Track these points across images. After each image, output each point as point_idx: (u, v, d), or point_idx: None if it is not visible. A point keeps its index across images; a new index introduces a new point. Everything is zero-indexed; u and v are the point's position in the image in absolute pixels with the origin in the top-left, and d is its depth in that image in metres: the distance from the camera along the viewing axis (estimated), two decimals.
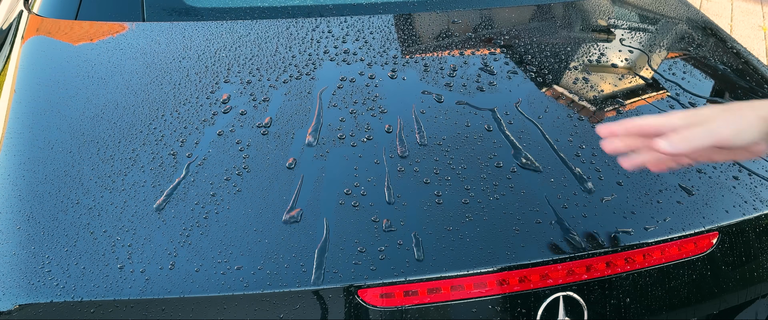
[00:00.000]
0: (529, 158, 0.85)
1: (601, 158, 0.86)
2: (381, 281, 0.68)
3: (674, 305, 0.80)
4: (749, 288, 0.86)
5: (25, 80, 0.97)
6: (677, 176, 0.85)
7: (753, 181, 0.87)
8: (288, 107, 0.91)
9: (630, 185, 0.83)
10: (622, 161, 0.67)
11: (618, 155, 0.67)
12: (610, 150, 0.67)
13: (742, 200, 0.84)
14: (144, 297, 0.65)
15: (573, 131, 0.91)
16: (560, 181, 0.82)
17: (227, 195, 0.76)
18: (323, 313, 0.68)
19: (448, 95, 0.96)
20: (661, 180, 0.84)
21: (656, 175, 0.84)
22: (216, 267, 0.68)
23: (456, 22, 1.18)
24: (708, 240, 0.80)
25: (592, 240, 0.75)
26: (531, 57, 1.08)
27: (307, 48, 1.05)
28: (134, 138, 0.84)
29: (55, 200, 0.75)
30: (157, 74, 0.97)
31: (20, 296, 0.65)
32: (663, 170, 0.67)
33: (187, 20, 1.11)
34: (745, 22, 3.77)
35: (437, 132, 0.88)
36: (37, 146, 0.83)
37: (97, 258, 0.68)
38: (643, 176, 0.84)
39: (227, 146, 0.83)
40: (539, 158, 0.85)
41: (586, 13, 1.30)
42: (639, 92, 1.03)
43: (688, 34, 1.29)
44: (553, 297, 0.74)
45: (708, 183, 0.85)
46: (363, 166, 0.81)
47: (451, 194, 0.78)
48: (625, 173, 0.84)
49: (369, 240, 0.72)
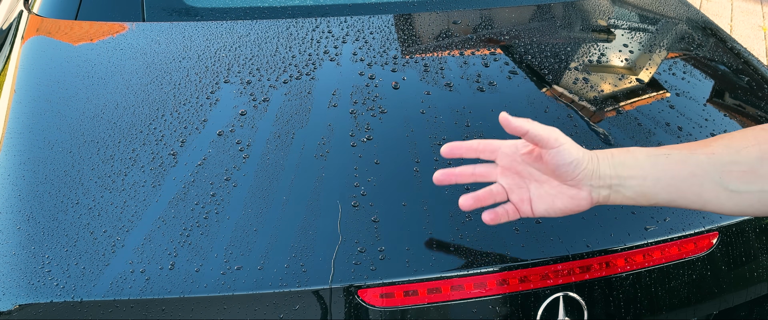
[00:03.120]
0: None
1: None
2: (381, 281, 0.68)
3: (674, 305, 0.80)
4: (749, 288, 0.86)
5: (25, 80, 0.97)
6: None
7: None
8: (288, 107, 0.91)
9: None
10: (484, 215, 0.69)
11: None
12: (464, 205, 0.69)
13: None
14: (144, 297, 0.65)
15: (573, 131, 0.91)
16: None
17: (227, 195, 0.76)
18: (323, 313, 0.68)
19: (448, 95, 0.96)
20: None
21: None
22: (216, 267, 0.68)
23: (456, 23, 1.18)
24: (708, 239, 0.80)
25: (592, 240, 0.75)
26: (531, 57, 1.08)
27: (307, 48, 1.05)
28: (134, 138, 0.84)
29: (55, 200, 0.75)
30: (157, 74, 0.97)
31: (20, 296, 0.65)
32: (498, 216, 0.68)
33: (187, 20, 1.11)
34: (745, 22, 3.77)
35: (437, 132, 0.88)
36: (37, 146, 0.83)
37: (97, 258, 0.68)
38: None
39: (227, 146, 0.83)
40: None
41: (586, 13, 1.30)
42: (639, 92, 1.03)
43: (688, 34, 1.29)
44: (553, 297, 0.74)
45: None
46: (363, 166, 0.81)
47: (451, 194, 0.78)
48: None
49: (369, 240, 0.72)
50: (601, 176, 0.62)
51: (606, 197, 0.63)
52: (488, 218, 0.68)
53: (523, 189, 0.67)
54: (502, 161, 0.67)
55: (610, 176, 0.62)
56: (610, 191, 0.62)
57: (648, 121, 0.95)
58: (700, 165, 0.59)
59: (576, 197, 0.63)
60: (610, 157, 0.62)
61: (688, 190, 0.60)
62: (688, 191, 0.60)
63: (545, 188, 0.65)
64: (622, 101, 1.00)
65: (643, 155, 0.62)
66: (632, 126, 0.94)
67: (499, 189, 0.68)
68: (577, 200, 0.63)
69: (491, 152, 0.67)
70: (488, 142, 0.68)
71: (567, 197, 0.64)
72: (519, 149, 0.66)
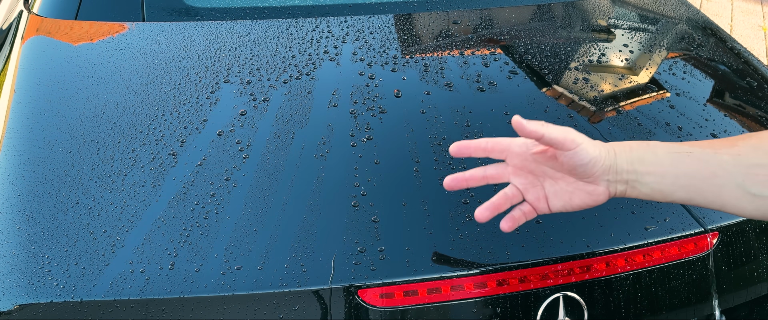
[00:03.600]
0: None
1: None
2: (381, 281, 0.68)
3: (674, 305, 0.80)
4: (749, 288, 0.86)
5: (25, 80, 0.97)
6: None
7: None
8: (288, 107, 0.91)
9: None
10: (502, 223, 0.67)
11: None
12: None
13: None
14: (144, 297, 0.65)
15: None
16: None
17: (227, 195, 0.76)
18: (323, 313, 0.68)
19: (448, 95, 0.96)
20: None
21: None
22: (216, 267, 0.68)
23: (456, 23, 1.18)
24: (708, 239, 0.80)
25: (592, 240, 0.75)
26: (531, 57, 1.08)
27: (307, 48, 1.05)
28: (134, 138, 0.84)
29: (55, 200, 0.75)
30: (157, 74, 0.97)
31: (20, 296, 0.65)
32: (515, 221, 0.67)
33: (187, 20, 1.11)
34: (745, 22, 3.77)
35: (437, 132, 0.88)
36: (37, 146, 0.83)
37: (97, 258, 0.68)
38: None
39: (227, 146, 0.83)
40: None
41: (586, 13, 1.30)
42: (639, 92, 1.03)
43: (688, 34, 1.29)
44: (553, 297, 0.74)
45: None
46: (363, 166, 0.81)
47: (451, 194, 0.78)
48: None
49: (369, 240, 0.72)
50: (618, 170, 0.60)
51: (622, 191, 0.61)
52: (507, 226, 0.66)
53: (538, 187, 0.65)
54: (513, 160, 0.65)
55: (627, 171, 0.59)
56: (627, 187, 0.60)
57: (648, 121, 0.95)
58: (723, 166, 0.57)
59: (593, 193, 0.61)
60: (628, 151, 0.60)
61: (707, 190, 0.58)
62: (707, 192, 0.58)
63: (561, 185, 0.63)
64: (622, 101, 1.00)
65: (663, 151, 0.59)
66: (632, 126, 0.94)
67: (514, 191, 0.65)
68: (594, 195, 0.61)
69: (501, 151, 0.65)
70: (498, 141, 0.65)
71: (584, 193, 0.62)
72: (530, 147, 0.63)
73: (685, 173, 0.58)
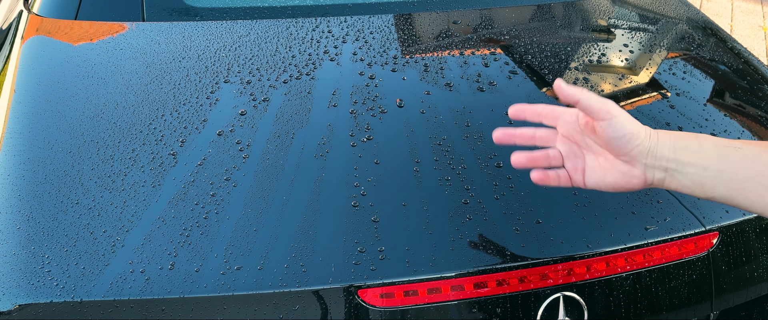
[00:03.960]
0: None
1: None
2: (381, 281, 0.68)
3: (674, 305, 0.80)
4: (749, 288, 0.86)
5: (25, 80, 0.97)
6: None
7: None
8: (288, 107, 0.91)
9: None
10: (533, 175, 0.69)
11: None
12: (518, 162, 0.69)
13: None
14: (144, 297, 0.65)
15: None
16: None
17: (227, 195, 0.76)
18: (323, 313, 0.68)
19: (448, 95, 0.96)
20: None
21: None
22: (216, 267, 0.68)
23: (456, 23, 1.18)
24: (708, 239, 0.80)
25: (592, 240, 0.75)
26: (531, 57, 1.08)
27: (307, 48, 1.05)
28: (134, 138, 0.84)
29: (55, 200, 0.75)
30: (157, 74, 0.97)
31: (20, 296, 0.65)
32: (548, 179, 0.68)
33: (187, 20, 1.11)
34: (745, 22, 3.77)
35: (437, 132, 0.88)
36: (37, 146, 0.83)
37: (97, 258, 0.68)
38: None
39: (227, 146, 0.83)
40: None
41: (586, 13, 1.30)
42: (639, 92, 1.03)
43: (688, 34, 1.29)
44: (553, 297, 0.74)
45: None
46: (363, 166, 0.81)
47: (451, 194, 0.78)
48: None
49: (369, 240, 0.72)
50: (658, 156, 0.59)
51: (661, 180, 0.60)
52: (537, 178, 0.68)
53: (579, 158, 0.66)
54: (562, 128, 0.67)
55: (667, 158, 0.59)
56: (666, 175, 0.60)
57: (648, 121, 0.95)
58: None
59: (628, 174, 0.61)
60: (674, 139, 0.59)
61: (750, 190, 0.56)
62: (750, 192, 0.56)
63: (600, 161, 0.64)
64: (622, 101, 1.00)
65: (710, 144, 0.58)
66: None
67: (556, 154, 0.67)
68: (628, 177, 0.61)
69: (554, 118, 0.67)
70: (552, 108, 0.67)
71: (619, 172, 0.62)
72: (580, 119, 0.65)
73: (730, 168, 0.56)
